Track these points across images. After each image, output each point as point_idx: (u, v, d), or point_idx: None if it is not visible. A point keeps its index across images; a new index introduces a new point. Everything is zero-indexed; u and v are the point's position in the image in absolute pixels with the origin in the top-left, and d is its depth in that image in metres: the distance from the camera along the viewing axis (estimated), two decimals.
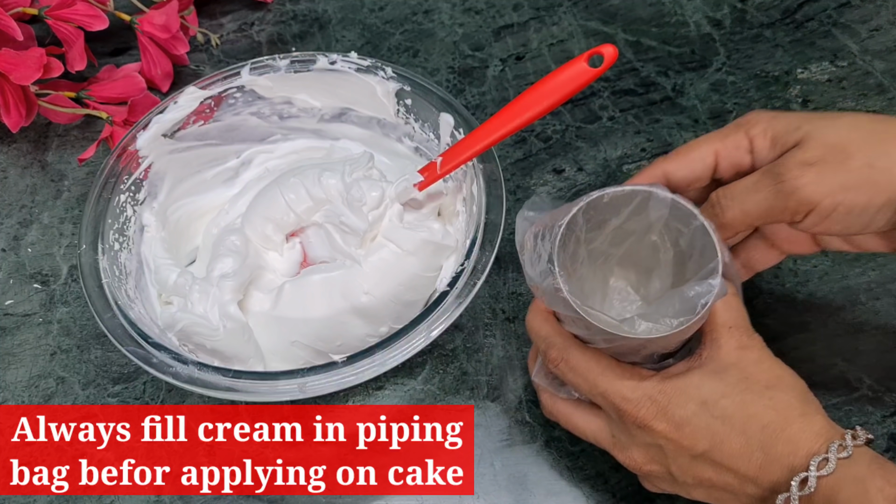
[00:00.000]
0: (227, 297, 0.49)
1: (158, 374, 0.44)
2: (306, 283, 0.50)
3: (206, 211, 0.57)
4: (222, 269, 0.50)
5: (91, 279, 0.48)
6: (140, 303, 0.50)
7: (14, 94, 0.60)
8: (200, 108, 0.55)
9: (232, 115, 0.57)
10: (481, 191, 0.49)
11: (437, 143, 0.54)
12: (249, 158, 0.59)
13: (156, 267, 0.52)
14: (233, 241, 0.51)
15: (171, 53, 0.66)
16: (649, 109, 0.64)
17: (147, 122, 0.54)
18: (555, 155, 0.62)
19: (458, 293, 0.45)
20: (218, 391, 0.43)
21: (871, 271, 0.55)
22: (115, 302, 0.47)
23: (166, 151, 0.55)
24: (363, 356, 0.43)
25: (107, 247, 0.50)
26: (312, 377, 0.43)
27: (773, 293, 0.54)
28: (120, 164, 0.53)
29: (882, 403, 0.50)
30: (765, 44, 0.67)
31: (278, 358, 0.50)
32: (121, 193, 0.52)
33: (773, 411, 0.38)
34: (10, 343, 0.55)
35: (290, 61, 0.56)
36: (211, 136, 0.57)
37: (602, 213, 0.43)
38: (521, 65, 0.68)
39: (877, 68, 0.65)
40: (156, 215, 0.54)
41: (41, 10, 0.62)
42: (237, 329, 0.48)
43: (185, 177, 0.57)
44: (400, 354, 0.44)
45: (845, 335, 0.52)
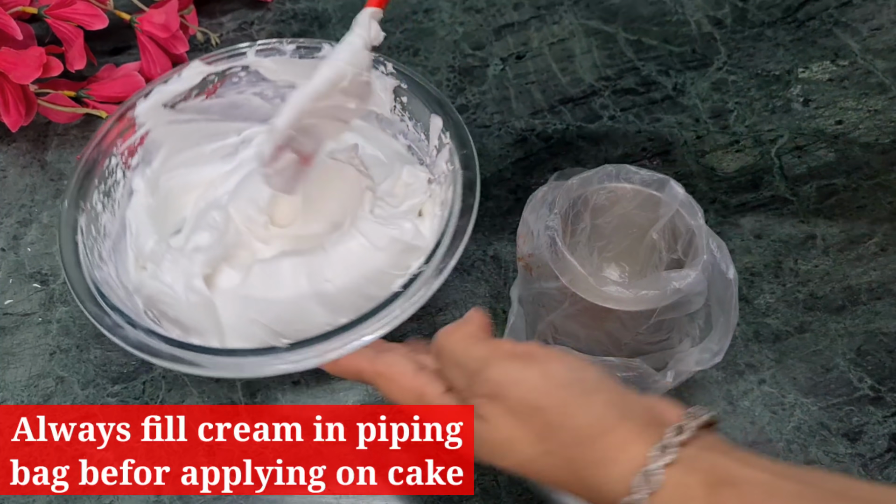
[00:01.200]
0: (195, 270, 0.49)
1: (109, 335, 0.44)
2: (276, 264, 0.50)
3: (199, 183, 0.58)
4: (197, 243, 0.51)
5: (67, 235, 0.49)
6: (113, 265, 0.50)
7: (13, 93, 0.60)
8: (203, 82, 0.56)
9: (235, 93, 0.57)
10: (457, 196, 0.48)
11: (427, 144, 0.53)
12: (250, 137, 0.59)
13: (137, 232, 0.53)
14: (213, 216, 0.52)
15: (171, 52, 0.66)
16: (650, 108, 0.64)
17: (149, 91, 0.55)
18: (556, 154, 0.62)
19: (411, 296, 0.45)
20: (161, 359, 0.43)
21: (873, 271, 0.55)
22: (85, 260, 0.48)
23: (165, 121, 0.55)
24: (305, 345, 0.43)
25: (89, 206, 0.50)
26: (252, 358, 0.43)
27: (773, 293, 0.54)
28: (116, 128, 0.53)
29: (883, 404, 0.50)
30: (766, 43, 0.67)
31: (237, 335, 0.50)
32: (112, 157, 0.53)
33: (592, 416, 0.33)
34: (9, 343, 0.55)
35: (297, 47, 0.56)
36: (213, 111, 0.57)
37: (615, 192, 0.44)
38: (522, 64, 0.68)
39: (878, 67, 0.65)
40: (147, 182, 0.55)
41: (41, 9, 0.61)
42: (199, 302, 0.49)
43: (183, 148, 0.57)
44: (342, 348, 0.43)
45: (846, 335, 0.52)
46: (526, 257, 0.47)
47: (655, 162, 0.61)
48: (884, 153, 0.61)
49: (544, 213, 0.46)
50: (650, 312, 0.42)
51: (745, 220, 0.58)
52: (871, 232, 0.57)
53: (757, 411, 0.50)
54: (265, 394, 0.52)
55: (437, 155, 0.52)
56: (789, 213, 0.58)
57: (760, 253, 0.56)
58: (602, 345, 0.46)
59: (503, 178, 0.61)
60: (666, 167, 0.61)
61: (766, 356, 0.52)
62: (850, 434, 0.49)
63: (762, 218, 0.58)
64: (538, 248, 0.45)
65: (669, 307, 0.42)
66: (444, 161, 0.51)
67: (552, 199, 0.46)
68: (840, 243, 0.56)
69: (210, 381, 0.52)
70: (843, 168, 0.60)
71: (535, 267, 0.46)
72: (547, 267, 0.45)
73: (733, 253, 0.56)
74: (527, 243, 0.47)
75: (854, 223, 0.57)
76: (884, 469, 0.47)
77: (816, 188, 0.59)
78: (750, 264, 0.56)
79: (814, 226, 0.57)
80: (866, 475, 0.47)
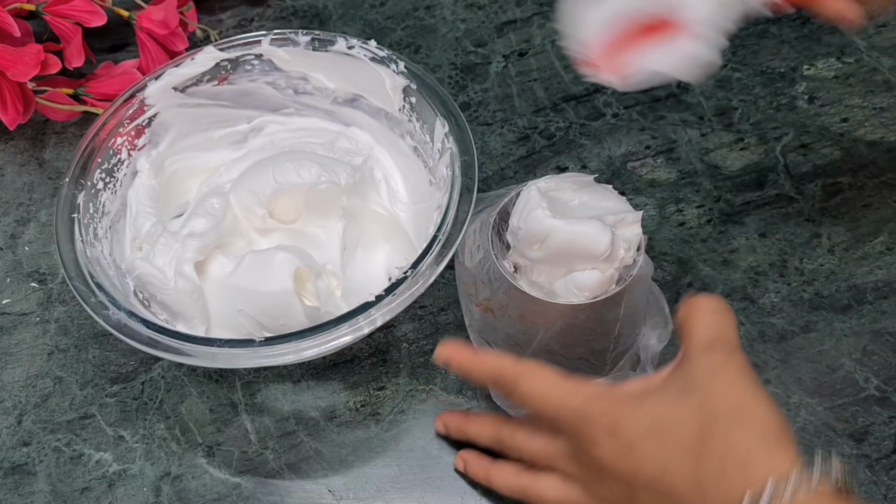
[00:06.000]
0: (187, 255, 0.49)
1: (92, 314, 0.45)
2: (268, 256, 0.50)
3: (206, 169, 0.58)
4: (192, 228, 0.51)
5: (64, 211, 0.49)
6: (109, 243, 0.51)
7: (11, 90, 0.60)
8: (216, 68, 0.56)
9: (247, 80, 0.57)
10: (452, 202, 0.48)
11: (431, 147, 0.53)
12: (261, 126, 0.60)
13: (136, 212, 0.53)
14: (212, 203, 0.52)
15: (170, 50, 0.65)
16: (654, 106, 0.64)
17: (160, 73, 0.55)
18: (558, 152, 0.62)
19: (392, 299, 0.44)
20: (140, 343, 0.44)
21: (879, 270, 0.54)
22: (80, 237, 0.48)
23: (175, 104, 0.56)
24: (281, 340, 0.43)
25: (89, 184, 0.51)
26: (228, 349, 0.43)
27: (779, 292, 0.54)
28: (123, 107, 0.54)
29: (889, 404, 0.49)
30: (771, 40, 0.67)
31: (223, 324, 0.50)
32: (118, 136, 0.53)
33: (732, 446, 0.34)
34: (7, 342, 0.54)
35: (311, 38, 0.56)
36: (224, 97, 0.58)
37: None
38: (524, 61, 0.67)
39: (884, 65, 0.65)
40: (152, 163, 0.55)
41: (39, 6, 0.61)
42: (188, 288, 0.49)
43: (192, 132, 0.58)
44: (317, 346, 0.43)
45: (852, 335, 0.52)
46: (486, 302, 0.47)
47: (659, 160, 0.61)
48: (889, 151, 0.60)
49: (484, 253, 0.46)
50: (619, 299, 0.43)
51: (750, 218, 0.57)
52: (876, 231, 0.56)
53: None
54: (265, 394, 0.51)
55: (439, 159, 0.51)
56: (794, 212, 0.57)
57: (765, 252, 0.56)
58: (587, 362, 0.47)
59: (505, 177, 0.60)
60: (670, 165, 0.60)
61: (770, 356, 0.51)
62: (855, 435, 0.48)
63: (767, 217, 0.57)
64: (496, 292, 0.46)
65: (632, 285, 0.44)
66: (445, 166, 0.50)
67: (486, 237, 0.46)
68: (846, 242, 0.56)
69: (209, 380, 0.52)
70: (849, 166, 0.59)
71: (497, 308, 0.46)
72: (510, 307, 0.45)
73: (738, 252, 0.56)
74: (480, 291, 0.47)
75: (860, 222, 0.57)
76: (890, 470, 0.47)
77: (822, 186, 0.59)
78: (755, 263, 0.55)
79: (819, 224, 0.57)
80: (872, 476, 0.47)
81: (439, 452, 0.49)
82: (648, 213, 0.58)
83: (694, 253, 0.56)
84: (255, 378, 0.52)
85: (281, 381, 0.52)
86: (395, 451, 0.49)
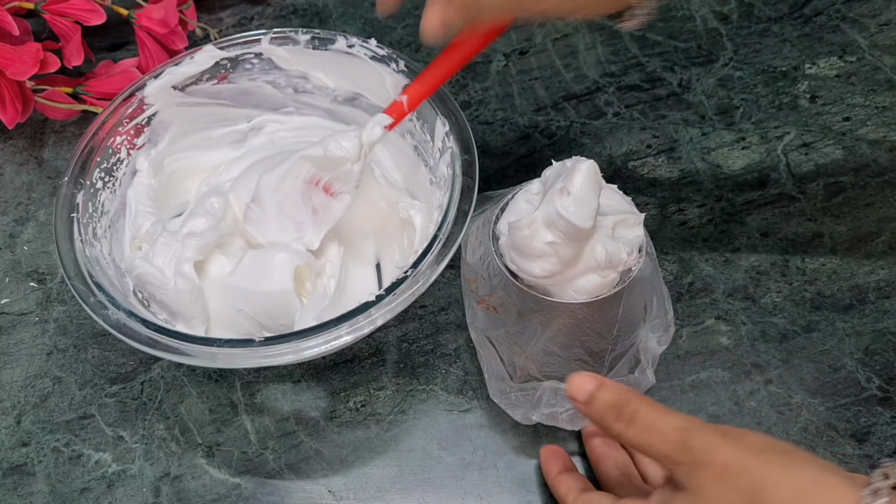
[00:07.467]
0: (187, 255, 0.49)
1: (91, 313, 0.45)
2: (268, 256, 0.50)
3: (206, 168, 0.58)
4: (192, 228, 0.51)
5: (63, 210, 0.49)
6: (108, 243, 0.51)
7: (10, 89, 0.59)
8: (215, 67, 0.56)
9: (247, 79, 0.57)
10: (453, 202, 0.48)
11: (432, 146, 0.53)
12: (261, 125, 0.59)
13: (136, 212, 0.53)
14: (212, 202, 0.52)
15: (170, 48, 0.65)
16: (655, 105, 0.63)
17: (160, 72, 0.55)
18: (559, 151, 0.61)
19: (392, 299, 0.44)
20: (139, 343, 0.44)
21: (881, 269, 0.54)
22: (78, 236, 0.48)
23: (174, 103, 0.56)
24: (280, 340, 0.43)
25: (88, 183, 0.51)
26: (227, 349, 0.43)
27: (780, 292, 0.54)
28: (123, 106, 0.54)
29: (892, 404, 0.49)
30: (772, 38, 0.67)
31: (223, 324, 0.50)
32: (117, 135, 0.53)
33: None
34: (5, 342, 0.54)
35: (311, 37, 0.56)
36: (223, 96, 0.58)
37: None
38: (525, 60, 0.67)
39: (886, 63, 0.64)
40: (151, 162, 0.55)
41: (37, 5, 0.61)
42: (187, 288, 0.49)
43: (191, 131, 0.57)
44: (317, 346, 0.43)
45: (854, 335, 0.52)
46: (487, 299, 0.47)
47: (660, 159, 0.60)
48: (891, 150, 0.60)
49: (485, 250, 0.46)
50: (618, 299, 0.43)
51: (752, 217, 0.57)
52: (878, 230, 0.56)
53: (763, 412, 0.49)
54: (265, 394, 0.51)
55: (439, 158, 0.51)
56: (796, 211, 0.57)
57: (767, 251, 0.55)
58: (585, 364, 0.46)
59: (506, 176, 0.60)
60: (671, 164, 0.60)
61: (772, 356, 0.51)
62: (857, 435, 0.48)
63: (769, 216, 0.57)
64: (495, 289, 0.45)
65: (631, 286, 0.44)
66: (446, 165, 0.50)
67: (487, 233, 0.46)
68: (847, 241, 0.56)
69: (209, 380, 0.52)
70: (851, 165, 0.59)
71: (499, 305, 0.46)
72: (509, 304, 0.45)
73: (739, 251, 0.55)
74: (481, 288, 0.47)
75: (862, 221, 0.56)
76: None
77: (823, 186, 0.58)
78: (756, 263, 0.55)
79: (821, 224, 0.56)
80: None
81: (439, 453, 0.49)
82: (650, 212, 0.57)
83: (695, 252, 0.56)
84: (255, 378, 0.52)
85: (281, 381, 0.52)
86: (396, 452, 0.49)
